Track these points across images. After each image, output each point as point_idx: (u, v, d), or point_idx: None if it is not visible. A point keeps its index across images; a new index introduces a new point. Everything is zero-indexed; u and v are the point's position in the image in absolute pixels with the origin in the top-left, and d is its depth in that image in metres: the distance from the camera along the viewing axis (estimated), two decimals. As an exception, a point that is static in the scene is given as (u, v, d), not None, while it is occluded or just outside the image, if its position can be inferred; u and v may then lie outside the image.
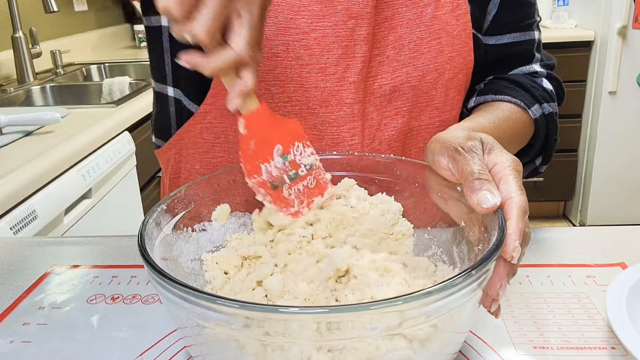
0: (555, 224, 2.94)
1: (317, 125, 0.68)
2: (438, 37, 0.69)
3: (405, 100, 0.70)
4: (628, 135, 2.60)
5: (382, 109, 0.70)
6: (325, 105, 0.67)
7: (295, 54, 0.65)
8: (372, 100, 0.69)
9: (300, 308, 0.38)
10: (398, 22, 0.68)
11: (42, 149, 1.24)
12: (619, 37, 2.44)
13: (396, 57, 0.68)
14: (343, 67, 0.66)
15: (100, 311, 0.57)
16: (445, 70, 0.70)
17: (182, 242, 0.52)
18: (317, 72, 0.66)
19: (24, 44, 1.96)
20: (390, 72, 0.68)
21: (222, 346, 0.39)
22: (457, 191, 0.49)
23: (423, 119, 0.72)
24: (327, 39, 0.65)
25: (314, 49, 0.65)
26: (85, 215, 1.36)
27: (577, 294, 0.57)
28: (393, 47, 0.68)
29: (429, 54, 0.69)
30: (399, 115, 0.70)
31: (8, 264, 0.68)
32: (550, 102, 0.74)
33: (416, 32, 0.68)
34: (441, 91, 0.71)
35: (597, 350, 0.49)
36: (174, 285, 0.37)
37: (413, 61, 0.68)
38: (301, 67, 0.66)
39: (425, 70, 0.69)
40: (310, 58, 0.65)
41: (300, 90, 0.67)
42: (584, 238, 0.69)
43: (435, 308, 0.36)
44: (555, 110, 0.75)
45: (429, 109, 0.71)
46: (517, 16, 0.74)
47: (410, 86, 0.69)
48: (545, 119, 0.73)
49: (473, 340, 0.50)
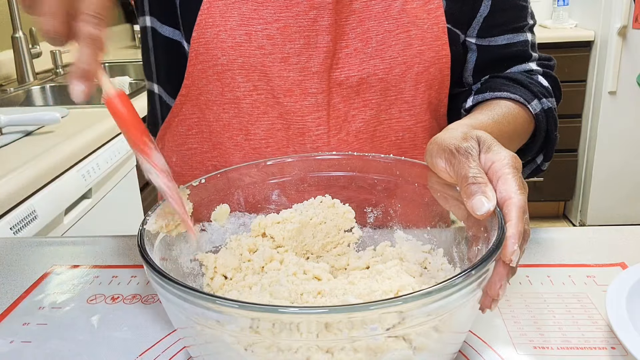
0: (555, 224, 2.94)
1: (283, 115, 0.70)
2: (407, 30, 0.69)
3: (374, 92, 0.70)
4: (628, 135, 2.60)
5: (349, 100, 0.70)
6: (289, 94, 0.69)
7: (259, 43, 0.67)
8: (338, 91, 0.70)
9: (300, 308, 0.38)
10: (366, 15, 0.69)
11: (42, 149, 1.24)
12: (619, 37, 2.44)
13: (363, 49, 0.69)
14: (306, 56, 0.68)
15: (100, 311, 0.57)
16: (414, 63, 0.70)
17: (182, 242, 0.52)
18: (280, 61, 0.68)
19: (24, 44, 1.96)
20: (357, 64, 0.69)
21: (222, 346, 0.39)
22: (457, 191, 0.49)
23: (393, 112, 0.72)
24: (290, 28, 0.67)
25: (277, 38, 0.67)
26: (85, 215, 1.36)
27: (577, 294, 0.57)
28: (360, 39, 0.69)
29: (396, 46, 0.69)
30: (367, 107, 0.71)
31: (8, 264, 0.68)
32: (549, 98, 0.74)
33: (384, 25, 0.69)
34: (410, 84, 0.71)
35: (597, 350, 0.49)
36: (174, 286, 0.37)
37: (380, 53, 0.69)
38: (264, 56, 0.67)
39: (393, 63, 0.70)
40: (272, 47, 0.67)
41: (265, 79, 0.68)
42: (584, 238, 0.69)
43: (435, 308, 0.37)
44: (554, 106, 0.74)
45: (399, 102, 0.72)
46: (509, 18, 0.75)
47: (378, 78, 0.70)
48: (545, 114, 0.73)
49: (473, 340, 0.50)
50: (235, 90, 0.69)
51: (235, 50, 0.67)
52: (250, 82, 0.69)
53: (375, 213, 0.60)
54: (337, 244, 0.58)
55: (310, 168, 0.60)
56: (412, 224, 0.58)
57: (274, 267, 0.52)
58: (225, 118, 0.71)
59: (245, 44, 0.67)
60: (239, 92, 0.69)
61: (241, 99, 0.69)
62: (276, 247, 0.55)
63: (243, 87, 0.69)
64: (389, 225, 0.59)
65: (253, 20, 0.67)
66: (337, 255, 0.57)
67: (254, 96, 0.69)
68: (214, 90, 0.70)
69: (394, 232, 0.58)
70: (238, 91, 0.69)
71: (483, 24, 0.73)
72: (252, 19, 0.67)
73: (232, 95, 0.69)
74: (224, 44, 0.67)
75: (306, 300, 0.46)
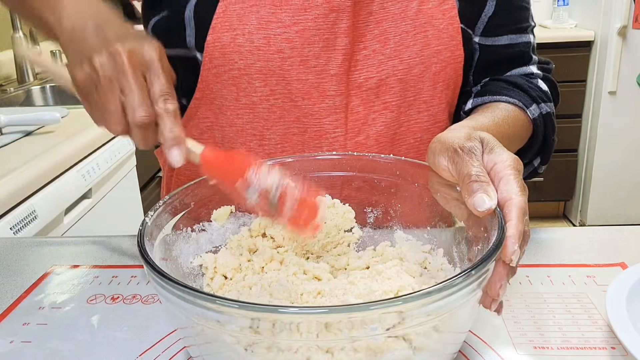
0: (555, 224, 2.94)
1: (300, 118, 0.70)
2: (424, 30, 0.69)
3: (393, 94, 0.71)
4: (628, 135, 2.60)
5: (369, 102, 0.70)
6: (307, 97, 0.69)
7: (277, 47, 0.66)
8: (358, 93, 0.70)
9: (300, 308, 0.38)
10: (383, 17, 0.69)
11: (42, 149, 1.24)
12: (619, 37, 2.44)
13: (382, 51, 0.69)
14: (324, 59, 0.67)
15: (100, 311, 0.57)
16: (432, 63, 0.70)
17: (182, 242, 0.52)
18: (298, 64, 0.67)
19: (24, 44, 1.96)
20: (376, 66, 0.69)
21: (222, 346, 0.39)
22: (457, 191, 0.49)
23: (411, 114, 0.73)
24: (309, 31, 0.66)
25: (296, 41, 0.66)
26: (85, 215, 1.36)
27: (577, 294, 0.57)
28: (378, 40, 0.69)
29: (414, 47, 0.69)
30: (387, 110, 0.71)
31: (8, 264, 0.68)
32: (548, 102, 0.74)
33: (401, 26, 0.69)
34: (429, 84, 0.71)
35: (597, 350, 0.49)
36: (173, 286, 0.37)
37: (399, 54, 0.69)
38: (283, 60, 0.67)
39: (412, 64, 0.70)
40: (291, 51, 0.67)
41: (282, 82, 0.68)
42: (584, 238, 0.69)
43: (435, 308, 0.37)
44: (553, 111, 0.75)
45: (418, 102, 0.72)
46: (513, 18, 0.75)
47: (397, 79, 0.70)
48: (544, 119, 0.73)
49: (473, 340, 0.50)
50: (251, 95, 0.68)
51: (253, 54, 0.66)
52: (267, 87, 0.68)
53: (375, 213, 0.60)
54: (337, 244, 0.58)
55: (310, 168, 0.60)
56: (412, 224, 0.58)
57: (274, 267, 0.52)
58: (239, 124, 0.70)
59: (264, 48, 0.66)
60: (255, 96, 0.69)
61: (257, 103, 0.69)
62: (276, 247, 0.55)
63: (260, 91, 0.68)
64: (389, 225, 0.59)
65: (271, 23, 0.66)
66: (337, 255, 0.57)
67: (271, 100, 0.69)
68: (228, 95, 0.69)
69: (394, 232, 0.58)
70: (254, 96, 0.68)
71: (488, 23, 0.74)
72: (270, 23, 0.66)
73: (247, 100, 0.69)
74: (241, 47, 0.66)
75: (306, 301, 0.46)
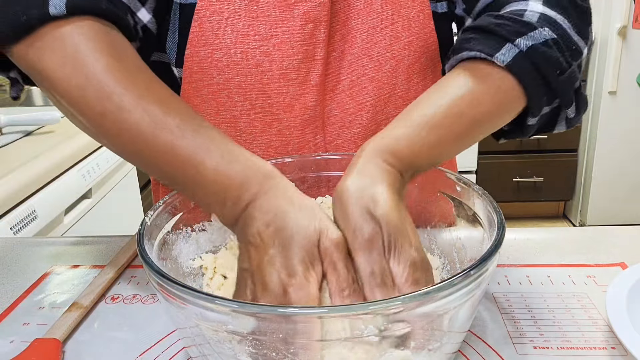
0: (555, 224, 2.94)
1: (282, 131, 0.67)
2: (392, 22, 0.66)
3: (366, 94, 0.67)
4: (628, 135, 2.60)
5: (344, 105, 0.68)
6: (288, 110, 0.66)
7: (255, 61, 0.64)
8: (332, 97, 0.67)
9: (299, 308, 0.38)
10: (349, 14, 0.66)
11: (42, 149, 1.24)
12: (619, 37, 2.44)
13: (350, 51, 0.66)
14: (304, 71, 0.65)
15: (100, 311, 0.57)
16: (403, 57, 0.67)
17: (182, 242, 0.52)
18: (278, 78, 0.65)
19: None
20: (346, 67, 0.67)
21: (221, 346, 0.39)
22: (457, 191, 0.49)
23: (389, 111, 0.69)
24: (287, 44, 0.64)
25: (274, 55, 0.64)
26: (85, 215, 1.36)
27: (577, 294, 0.57)
28: (345, 40, 0.66)
29: (383, 42, 0.66)
30: (362, 110, 0.68)
31: (8, 264, 0.68)
32: (530, 33, 0.54)
33: (368, 22, 0.66)
34: (402, 79, 0.68)
35: (597, 350, 0.49)
36: (173, 286, 0.37)
37: (367, 52, 0.66)
38: (262, 73, 0.64)
39: (381, 60, 0.67)
40: (270, 64, 0.64)
41: (263, 97, 0.65)
42: (584, 238, 0.69)
43: (435, 308, 0.37)
44: (542, 40, 0.54)
45: (393, 98, 0.69)
46: None
47: (368, 78, 0.67)
48: (527, 57, 0.53)
49: (473, 340, 0.50)
50: (232, 110, 0.66)
51: (231, 69, 0.64)
52: (247, 101, 0.66)
53: (375, 213, 0.60)
54: None
55: (310, 168, 0.60)
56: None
57: None
58: None
59: (242, 62, 0.64)
60: (235, 111, 0.66)
61: (238, 117, 0.66)
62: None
63: (240, 106, 0.66)
64: (389, 225, 0.59)
65: (248, 37, 0.63)
66: None
67: (252, 115, 0.66)
68: (209, 109, 0.67)
69: (394, 232, 0.58)
70: (235, 110, 0.66)
71: None
72: (247, 36, 0.63)
73: (228, 115, 0.67)
74: (219, 62, 0.64)
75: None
